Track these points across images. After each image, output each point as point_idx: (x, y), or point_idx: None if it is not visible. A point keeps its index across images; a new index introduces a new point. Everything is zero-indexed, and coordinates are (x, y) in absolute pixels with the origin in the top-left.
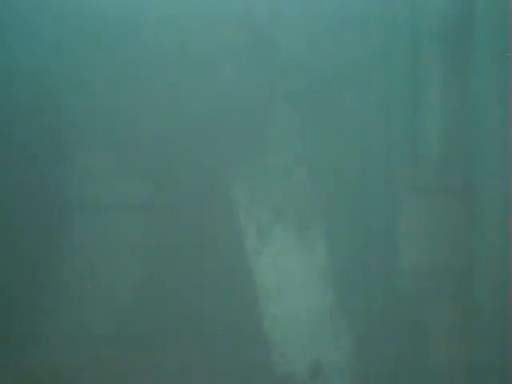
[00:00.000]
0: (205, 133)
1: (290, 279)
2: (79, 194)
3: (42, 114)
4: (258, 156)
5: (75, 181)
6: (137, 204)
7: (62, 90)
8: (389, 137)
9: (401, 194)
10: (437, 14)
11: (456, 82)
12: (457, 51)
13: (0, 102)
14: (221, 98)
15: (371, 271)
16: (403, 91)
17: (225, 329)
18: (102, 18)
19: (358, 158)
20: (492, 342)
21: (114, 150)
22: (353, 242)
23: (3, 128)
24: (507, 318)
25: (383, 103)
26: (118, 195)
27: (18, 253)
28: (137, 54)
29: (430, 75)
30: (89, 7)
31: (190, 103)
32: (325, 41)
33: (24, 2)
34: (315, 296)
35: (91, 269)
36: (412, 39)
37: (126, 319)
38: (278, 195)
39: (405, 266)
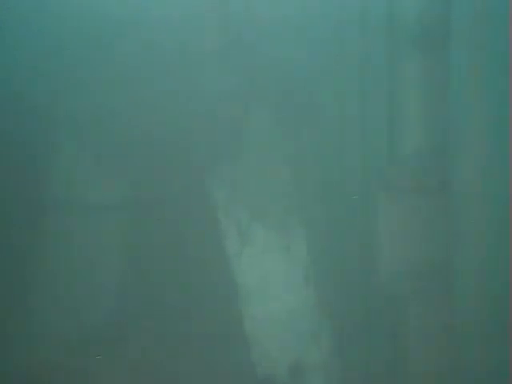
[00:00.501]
0: (185, 133)
1: (271, 279)
2: (62, 193)
3: (40, 113)
4: (238, 156)
5: (59, 180)
6: (117, 204)
7: (61, 90)
8: (368, 137)
9: (381, 193)
10: (416, 14)
11: (434, 81)
12: (434, 52)
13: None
14: (201, 98)
15: (353, 271)
16: (382, 92)
17: (205, 329)
18: (101, 17)
19: (337, 158)
20: (472, 341)
21: (98, 150)
22: (334, 242)
23: (2, 127)
24: (487, 316)
25: (363, 104)
26: (99, 195)
27: (5, 253)
28: (136, 54)
29: (407, 75)
30: (89, 7)
31: (170, 104)
32: (302, 43)
33: (24, 2)
34: (296, 296)
35: (73, 268)
36: (390, 40)
37: (110, 319)
38: (258, 195)
39: (386, 267)
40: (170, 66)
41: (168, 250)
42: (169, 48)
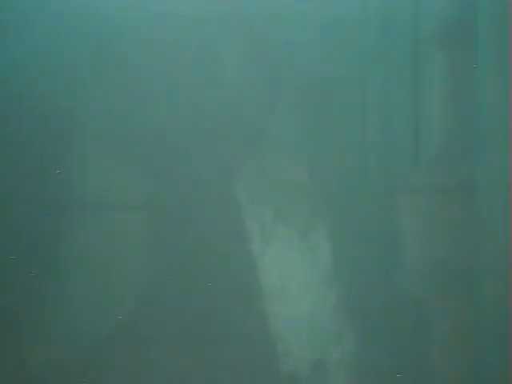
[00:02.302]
0: (206, 134)
1: (294, 279)
2: (80, 193)
3: (41, 113)
4: (261, 157)
5: (76, 181)
6: (138, 204)
7: (61, 90)
8: (389, 137)
9: (402, 194)
10: (437, 15)
11: (456, 82)
12: (457, 52)
13: (0, 101)
14: (222, 99)
15: (373, 271)
16: (404, 92)
17: (229, 328)
18: (102, 18)
19: (359, 159)
20: (493, 342)
21: (115, 150)
22: (355, 242)
23: (3, 128)
24: (507, 317)
25: (383, 104)
26: (119, 195)
27: (19, 252)
28: (137, 54)
29: (429, 76)
30: (89, 7)
31: (190, 104)
32: (326, 43)
33: (24, 2)
34: (318, 295)
35: (92, 268)
36: (412, 40)
37: (128, 319)
38: (280, 196)
39: (407, 266)
40: (197, 65)
41: (191, 249)
42: (192, 47)
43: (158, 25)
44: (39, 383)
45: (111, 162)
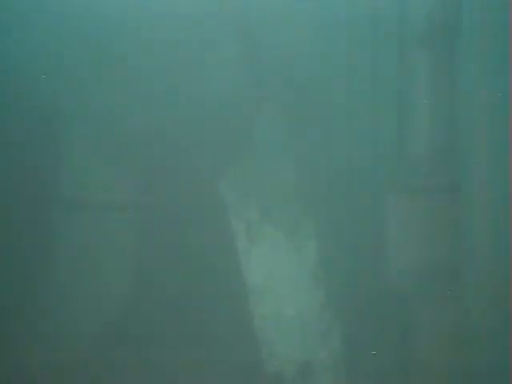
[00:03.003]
0: (194, 133)
1: (280, 279)
2: (72, 193)
3: (41, 113)
4: (247, 156)
5: (68, 180)
6: (126, 204)
7: (61, 90)
8: (377, 137)
9: (390, 194)
10: (424, 15)
11: (443, 82)
12: (443, 52)
13: (0, 101)
14: (210, 99)
15: (361, 271)
16: (391, 92)
17: (214, 329)
18: (102, 18)
19: (346, 159)
20: (492, 342)
21: (107, 150)
22: (342, 242)
23: (3, 128)
24: (507, 317)
25: (371, 104)
26: (107, 195)
27: (13, 252)
28: (136, 54)
29: (417, 76)
30: (89, 7)
31: (180, 104)
32: (313, 42)
33: (24, 2)
34: (305, 296)
35: (85, 268)
36: (399, 39)
37: (119, 319)
38: (266, 195)
39: (394, 267)
40: (183, 66)
41: (178, 250)
42: (181, 47)
43: (158, 25)
44: (39, 383)
45: (111, 162)
